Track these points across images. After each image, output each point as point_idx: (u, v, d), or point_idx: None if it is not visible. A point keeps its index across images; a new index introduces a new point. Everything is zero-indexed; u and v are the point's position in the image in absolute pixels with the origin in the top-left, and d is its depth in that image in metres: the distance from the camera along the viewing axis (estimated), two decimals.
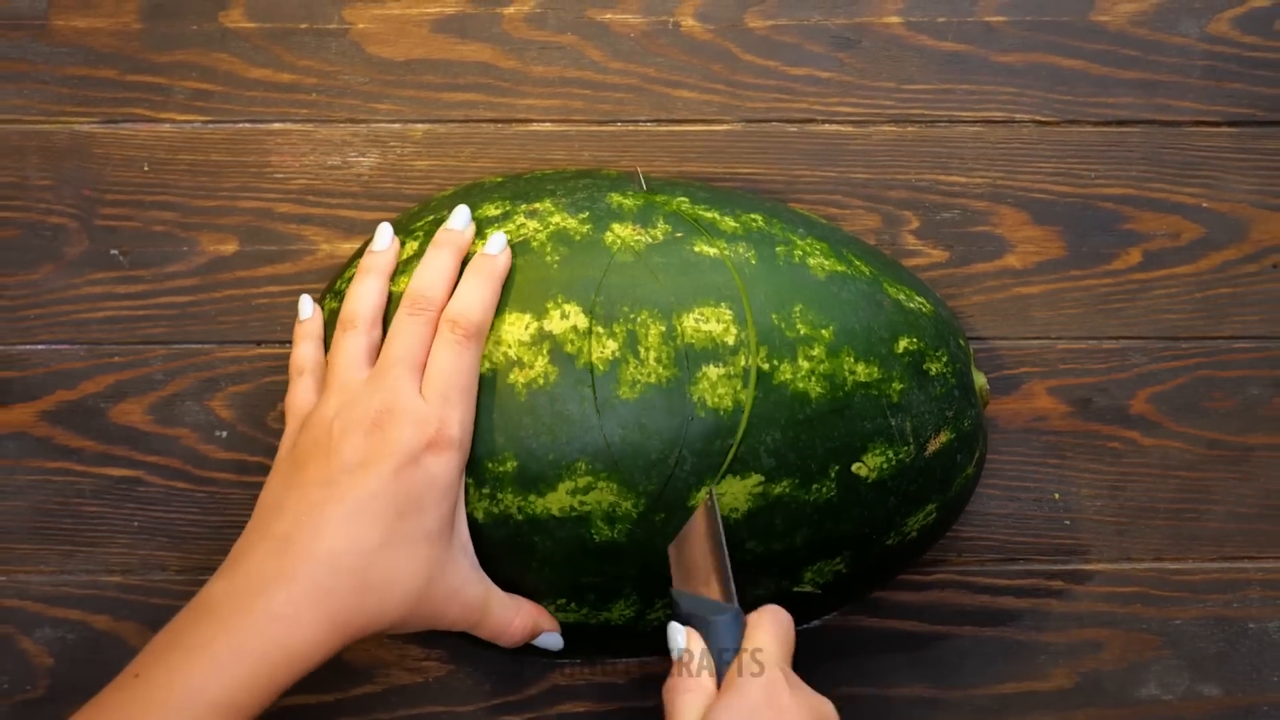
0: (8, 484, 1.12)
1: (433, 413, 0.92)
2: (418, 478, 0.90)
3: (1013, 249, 1.15)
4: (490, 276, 0.97)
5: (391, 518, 0.90)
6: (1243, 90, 1.15)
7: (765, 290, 0.98)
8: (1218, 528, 1.16)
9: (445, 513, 0.92)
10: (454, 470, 0.92)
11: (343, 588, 0.88)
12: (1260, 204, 1.16)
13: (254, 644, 0.86)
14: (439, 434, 0.91)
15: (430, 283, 0.97)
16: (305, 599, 0.87)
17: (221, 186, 1.13)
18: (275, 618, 0.87)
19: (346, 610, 0.88)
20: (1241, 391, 1.16)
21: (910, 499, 1.02)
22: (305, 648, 0.87)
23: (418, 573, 0.91)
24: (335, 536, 0.89)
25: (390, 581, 0.90)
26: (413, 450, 0.90)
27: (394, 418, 0.91)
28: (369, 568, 0.89)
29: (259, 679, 0.86)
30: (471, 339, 0.94)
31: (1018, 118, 1.15)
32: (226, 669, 0.85)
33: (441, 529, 0.92)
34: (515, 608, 0.98)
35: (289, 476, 0.93)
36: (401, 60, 1.14)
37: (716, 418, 0.95)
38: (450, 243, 1.00)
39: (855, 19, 1.15)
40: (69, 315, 1.12)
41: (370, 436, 0.91)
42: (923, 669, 1.15)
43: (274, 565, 0.89)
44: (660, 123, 1.14)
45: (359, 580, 0.89)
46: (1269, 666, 1.15)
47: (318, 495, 0.90)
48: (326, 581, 0.88)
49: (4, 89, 1.12)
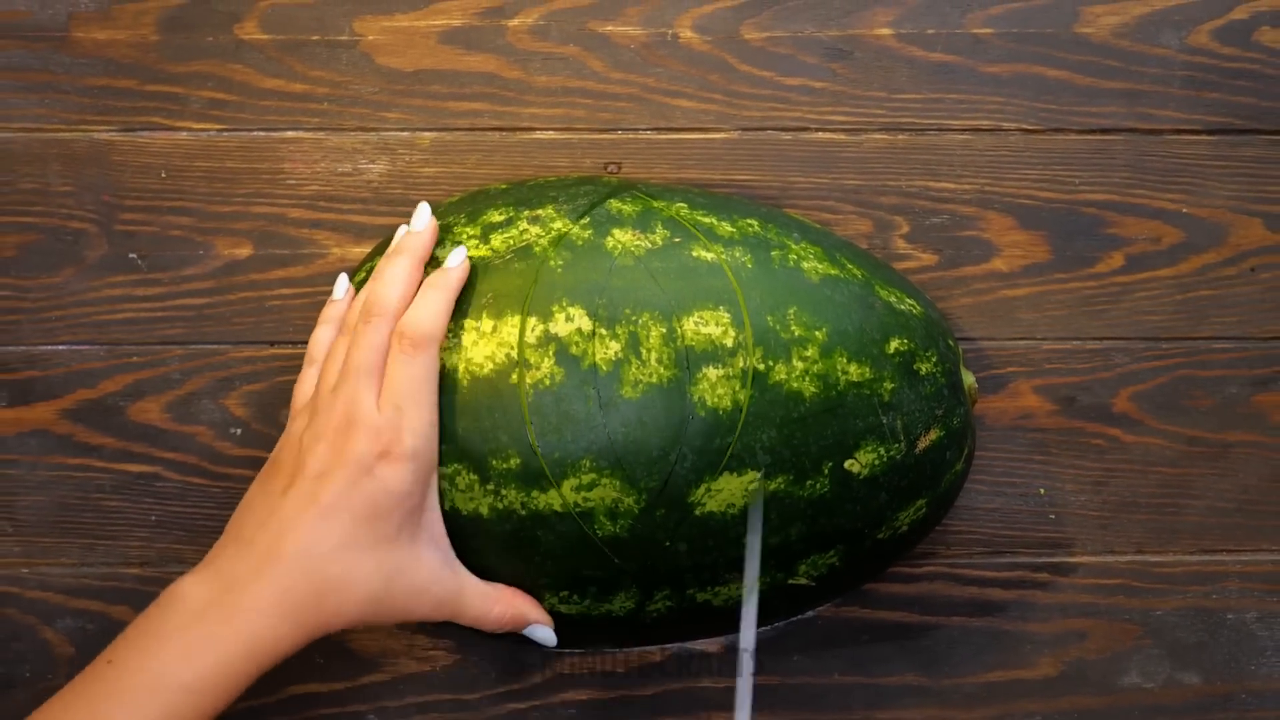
0: (30, 479, 1.12)
1: (386, 423, 0.93)
2: (372, 487, 0.92)
3: (1000, 253, 1.16)
4: (444, 288, 0.98)
5: (348, 523, 0.92)
6: (1221, 100, 1.16)
7: (761, 293, 0.99)
8: (1197, 522, 1.16)
9: (401, 518, 0.94)
10: (407, 478, 0.93)
11: (302, 587, 0.91)
12: (1238, 209, 1.16)
13: (225, 633, 0.89)
14: (391, 445, 0.93)
15: (384, 291, 0.99)
16: (269, 597, 0.90)
17: (236, 192, 1.13)
18: (242, 611, 0.89)
19: (306, 608, 0.91)
20: (1220, 390, 1.16)
21: (901, 494, 1.02)
22: (269, 641, 0.90)
23: (375, 574, 0.93)
24: (296, 540, 0.91)
25: (348, 582, 0.92)
26: (365, 461, 0.92)
27: (352, 429, 0.93)
28: (327, 569, 0.92)
29: (228, 667, 0.89)
30: (420, 348, 0.96)
31: (1005, 126, 1.15)
32: (197, 656, 0.88)
33: (399, 532, 0.94)
34: (495, 598, 0.99)
35: (263, 484, 0.97)
36: (410, 71, 1.14)
37: (716, 417, 0.96)
38: (407, 248, 1.01)
39: (847, 31, 1.15)
40: (89, 317, 1.13)
41: (331, 446, 0.94)
42: (913, 658, 1.15)
43: (242, 565, 0.92)
44: (659, 131, 1.15)
45: (318, 580, 0.91)
46: (1246, 655, 1.16)
47: (281, 502, 0.93)
48: (286, 580, 0.91)
49: (26, 98, 1.12)
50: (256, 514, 0.95)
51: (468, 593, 0.98)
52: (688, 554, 0.98)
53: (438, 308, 0.97)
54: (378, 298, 0.98)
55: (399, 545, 0.94)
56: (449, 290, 0.98)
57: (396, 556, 0.94)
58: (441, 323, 0.97)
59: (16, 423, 1.13)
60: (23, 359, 1.13)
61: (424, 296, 0.98)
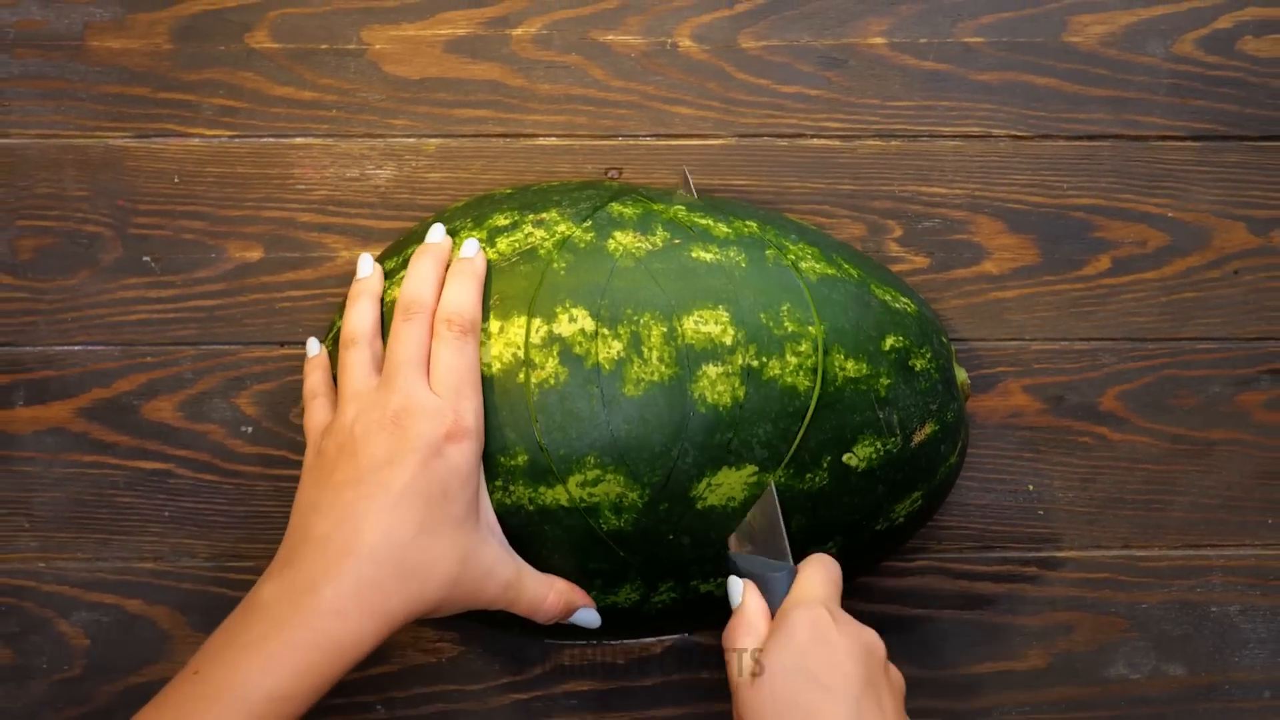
0: (47, 476, 1.13)
1: (447, 405, 0.93)
2: (442, 467, 0.92)
3: (990, 256, 1.16)
4: (472, 276, 0.98)
5: (421, 507, 0.91)
6: (1206, 107, 1.16)
7: (754, 292, 0.99)
8: (1182, 517, 1.17)
9: (470, 497, 0.93)
10: (473, 457, 0.93)
11: (385, 579, 0.90)
12: (1222, 214, 1.17)
13: (305, 639, 0.88)
14: (455, 424, 0.92)
15: (418, 288, 0.98)
16: (351, 594, 0.89)
17: (247, 197, 1.14)
18: (324, 614, 0.88)
19: (390, 599, 0.90)
20: (1204, 390, 1.17)
21: (898, 487, 1.02)
22: (354, 639, 0.89)
23: (452, 556, 0.92)
24: (372, 531, 0.90)
25: (428, 567, 0.91)
26: (434, 442, 0.92)
27: (411, 415, 0.92)
28: (406, 557, 0.91)
29: (311, 671, 0.88)
30: (468, 333, 0.96)
31: (994, 133, 1.16)
32: (281, 663, 0.87)
33: (468, 513, 0.93)
34: (549, 584, 0.98)
35: (320, 481, 0.95)
36: (416, 79, 1.14)
37: (716, 413, 0.96)
38: (430, 252, 1.01)
39: (842, 40, 1.16)
40: (104, 318, 1.13)
41: (392, 435, 0.92)
42: (906, 650, 1.15)
43: (318, 565, 0.90)
44: (659, 137, 1.15)
45: (399, 570, 0.90)
46: (1230, 647, 1.16)
47: (350, 495, 0.92)
48: (369, 575, 0.90)
49: (43, 105, 1.13)
50: (324, 511, 0.93)
51: (527, 579, 0.98)
52: (690, 546, 0.99)
53: (473, 294, 0.98)
54: (414, 295, 0.98)
55: (467, 526, 0.94)
56: (477, 277, 0.99)
57: (467, 538, 0.93)
58: (479, 307, 0.97)
59: (33, 421, 1.13)
60: (39, 359, 1.13)
61: (455, 284, 0.98)
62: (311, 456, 0.98)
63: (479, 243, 1.01)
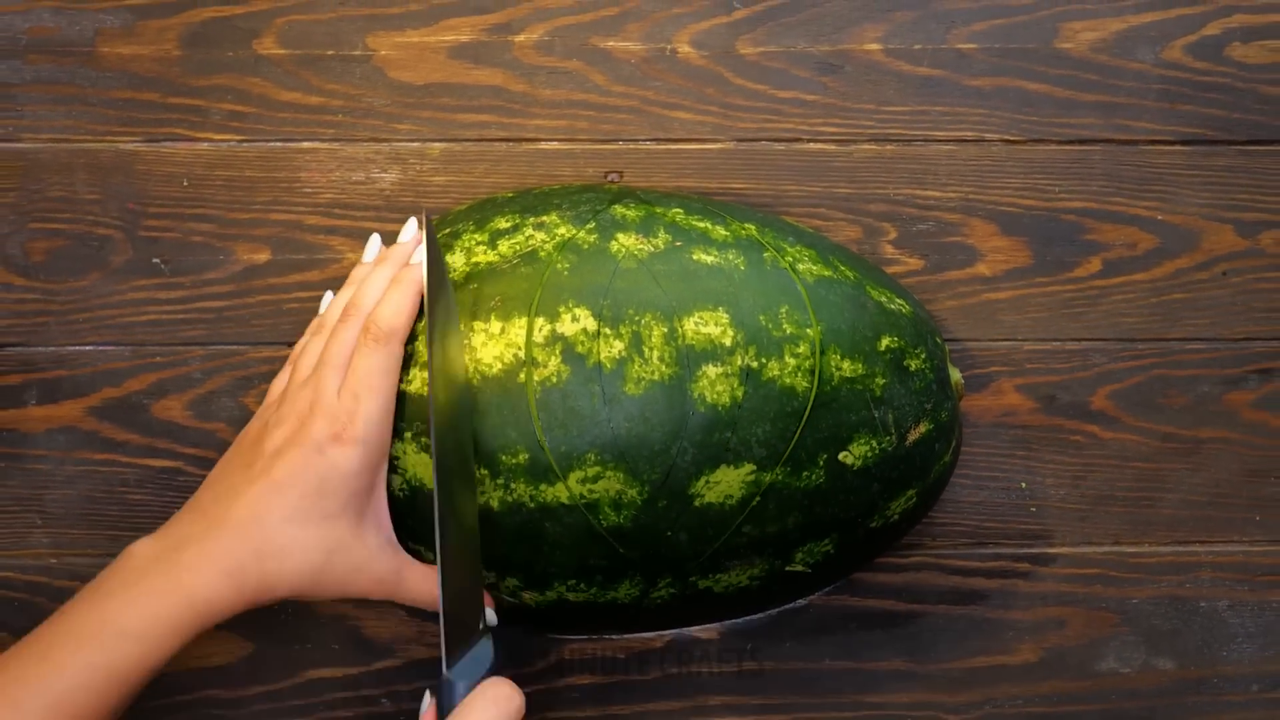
0: (59, 474, 1.13)
1: (343, 409, 0.96)
2: (321, 466, 0.95)
3: (983, 258, 1.17)
4: (408, 284, 1.01)
5: (295, 498, 0.94)
6: (1194, 112, 1.17)
7: (753, 294, 1.00)
8: (1171, 514, 1.17)
9: (346, 498, 0.96)
10: (355, 461, 0.95)
11: (243, 551, 0.93)
12: (1210, 216, 1.17)
13: (164, 586, 0.92)
14: (344, 430, 0.95)
15: (364, 293, 1.02)
16: (211, 557, 0.93)
17: (255, 200, 1.14)
18: (184, 568, 0.92)
19: (247, 572, 0.93)
20: (1193, 389, 1.17)
21: (893, 484, 1.03)
22: (208, 599, 0.92)
23: (316, 547, 0.95)
24: (245, 508, 0.94)
25: (289, 551, 0.94)
26: (319, 442, 0.95)
27: (313, 413, 0.96)
28: (270, 537, 0.94)
29: (169, 619, 0.91)
30: (382, 342, 0.98)
31: (987, 137, 1.17)
32: (139, 606, 0.91)
33: (344, 510, 0.96)
34: (431, 579, 1.00)
35: (226, 462, 1.00)
36: (420, 84, 1.15)
37: (715, 412, 0.97)
38: (393, 257, 1.04)
39: (838, 46, 1.16)
40: (115, 319, 1.13)
41: (292, 428, 0.97)
42: (900, 644, 1.16)
43: (191, 529, 0.95)
44: (659, 141, 1.16)
45: (260, 547, 0.94)
46: (1218, 642, 1.17)
47: (239, 476, 0.97)
48: (230, 544, 0.93)
49: (55, 110, 1.14)
50: (214, 487, 0.98)
51: (408, 574, 1.00)
52: (688, 543, 0.99)
53: (402, 304, 1.00)
54: (357, 299, 1.02)
55: (342, 523, 0.96)
56: (412, 286, 1.01)
57: (338, 533, 0.96)
58: (405, 318, 0.99)
59: (46, 420, 1.13)
60: (51, 359, 1.13)
61: (390, 293, 1.00)
62: (240, 433, 1.02)
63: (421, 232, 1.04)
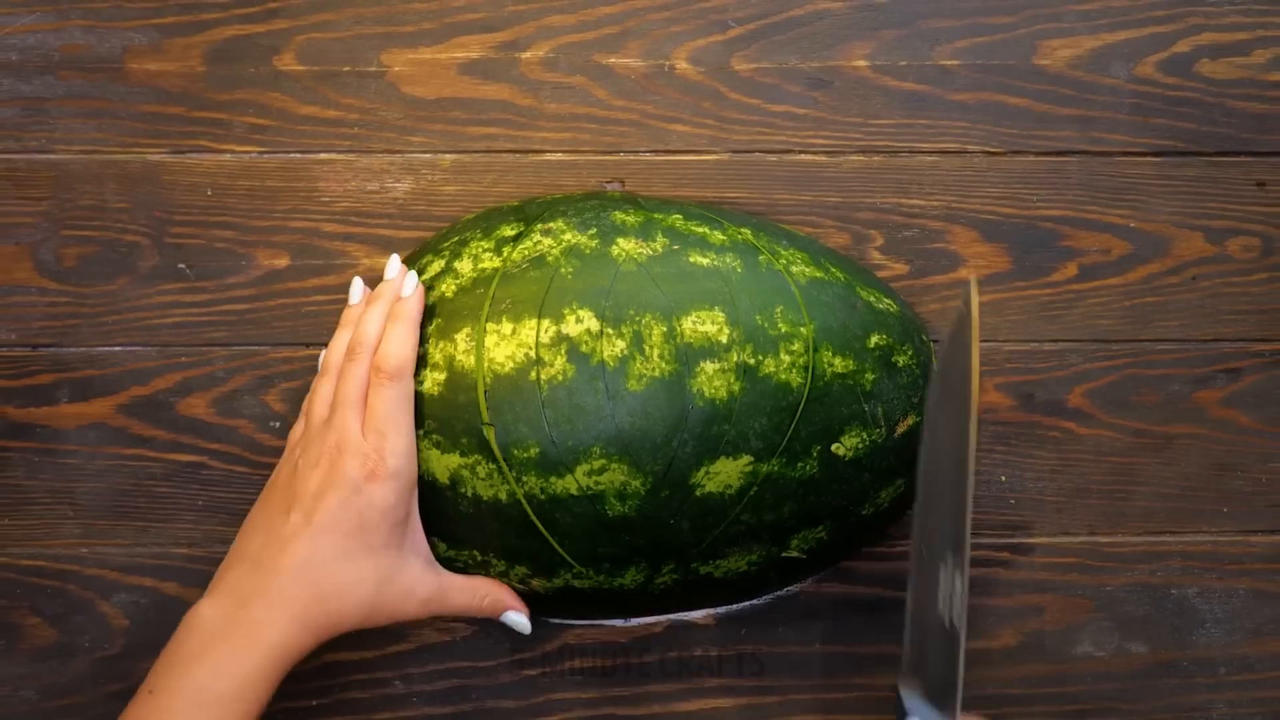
0: (89, 468, 1.14)
1: (371, 448, 0.98)
2: (361, 503, 0.97)
3: (965, 263, 1.18)
4: (405, 319, 1.02)
5: (340, 538, 0.97)
6: (1165, 125, 1.18)
7: (750, 295, 1.01)
8: (1144, 506, 1.18)
9: (388, 528, 0.98)
10: (391, 494, 0.98)
11: (304, 597, 0.96)
12: (1180, 224, 1.18)
13: (245, 645, 0.94)
14: (376, 467, 0.97)
15: (365, 331, 1.03)
16: (276, 607, 0.95)
17: (275, 209, 1.16)
18: (258, 623, 0.94)
19: (310, 613, 0.96)
20: (1164, 388, 1.18)
21: (883, 474, 1.05)
22: (285, 644, 0.95)
23: (368, 579, 0.98)
24: (293, 556, 0.96)
25: (344, 588, 0.97)
26: (355, 481, 0.97)
27: (341, 455, 0.98)
28: (324, 579, 0.96)
29: (254, 673, 0.93)
30: (395, 379, 1.00)
31: (969, 149, 1.18)
32: (227, 669, 0.93)
33: (387, 542, 0.99)
34: (472, 591, 1.04)
35: (263, 506, 1.02)
36: (432, 99, 1.16)
37: (713, 406, 0.98)
38: (382, 294, 1.06)
39: (828, 63, 1.17)
40: (142, 321, 1.15)
41: (325, 471, 0.98)
42: (887, 629, 1.17)
43: (249, 583, 0.96)
44: (657, 153, 1.17)
45: (317, 590, 0.96)
46: (1188, 627, 1.18)
47: (280, 521, 0.98)
48: (291, 591, 0.95)
49: (85, 123, 1.15)
50: (258, 535, 0.99)
51: (451, 589, 1.02)
52: (690, 531, 1.01)
53: (403, 338, 1.02)
54: (359, 338, 1.03)
55: (387, 554, 0.99)
56: (410, 319, 1.03)
57: (386, 564, 0.99)
58: (409, 352, 1.01)
59: (77, 417, 1.15)
60: (82, 359, 1.15)
61: (390, 330, 1.02)
62: (270, 479, 1.05)
63: (417, 278, 1.05)
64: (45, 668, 1.15)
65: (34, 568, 1.15)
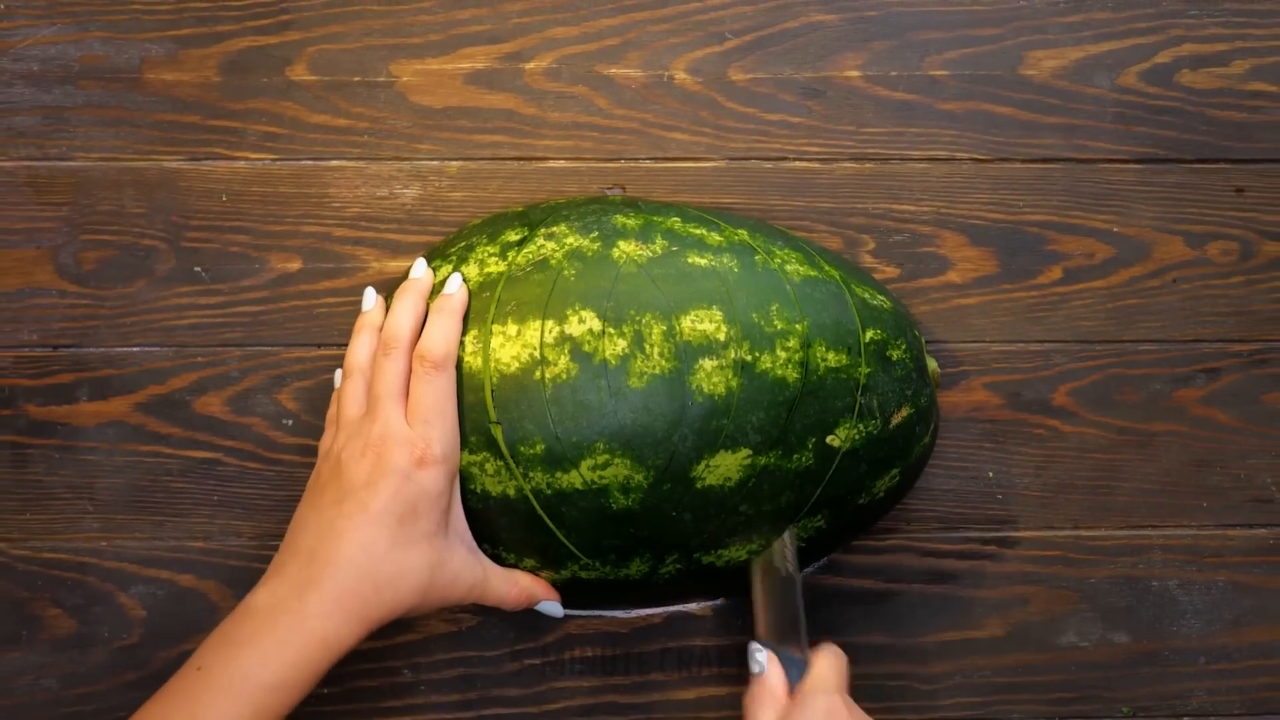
0: (108, 464, 1.15)
1: (418, 436, 0.98)
2: (412, 490, 0.97)
3: (953, 266, 1.19)
4: (450, 312, 1.03)
5: (394, 525, 0.96)
6: (1147, 133, 1.19)
7: (747, 293, 1.02)
8: (1126, 501, 1.19)
9: (438, 514, 0.99)
10: (441, 480, 0.98)
11: (362, 587, 0.95)
12: (1162, 229, 1.19)
13: (296, 638, 0.93)
14: (425, 453, 0.98)
15: (398, 324, 1.03)
16: (332, 600, 0.94)
17: (288, 214, 1.16)
18: (310, 616, 0.93)
19: (367, 605, 0.95)
20: (1146, 387, 1.19)
21: (878, 465, 1.06)
22: (337, 637, 0.94)
23: (422, 566, 0.97)
24: (350, 545, 0.96)
25: (400, 576, 0.96)
26: (405, 469, 0.97)
27: (387, 444, 0.98)
28: (381, 569, 0.95)
29: (302, 664, 0.92)
30: (439, 369, 1.00)
31: (958, 156, 1.19)
32: (275, 658, 0.92)
33: (437, 528, 0.99)
34: (511, 581, 1.04)
35: (312, 501, 1.00)
36: (439, 108, 1.17)
37: (712, 402, 0.99)
38: (412, 289, 1.06)
39: (821, 73, 1.18)
40: (159, 322, 1.16)
41: (371, 462, 0.98)
42: (878, 620, 1.18)
43: (304, 574, 0.95)
44: (657, 160, 1.18)
45: (375, 580, 0.95)
46: (1169, 618, 1.19)
47: (333, 513, 0.97)
48: (348, 584, 0.95)
49: (104, 131, 1.16)
50: (311, 527, 0.98)
51: (492, 577, 1.03)
52: (692, 522, 1.02)
53: (448, 331, 1.02)
54: (393, 331, 1.03)
55: (437, 540, 0.99)
56: (455, 314, 1.03)
57: (436, 550, 0.98)
58: (454, 344, 1.02)
59: (96, 415, 1.15)
60: (101, 359, 1.16)
61: (434, 322, 1.03)
62: (312, 478, 1.03)
63: (461, 277, 1.05)
64: (65, 657, 1.15)
65: (55, 560, 1.16)
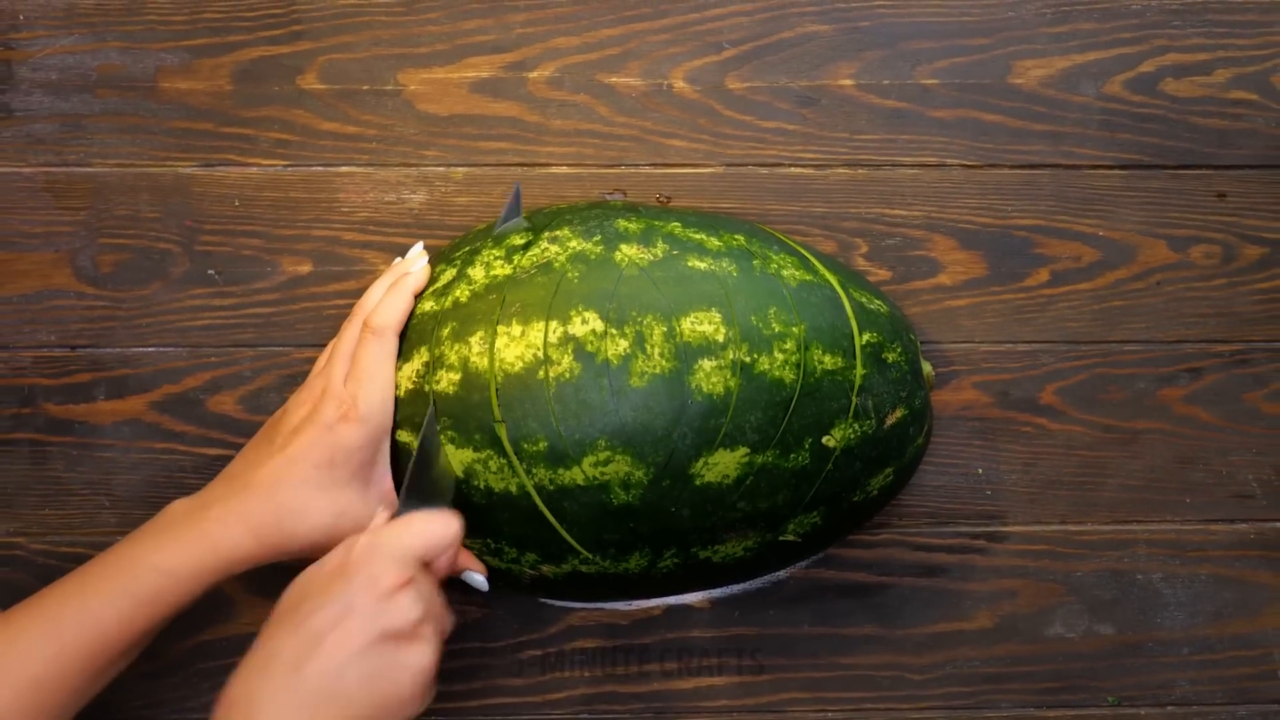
0: (124, 461, 1.16)
1: (348, 393, 1.03)
2: (330, 440, 1.01)
3: (944, 269, 1.19)
4: (400, 289, 1.07)
5: (309, 467, 1.01)
6: (1131, 139, 1.20)
7: (745, 297, 1.02)
8: (1112, 497, 1.20)
9: (353, 469, 1.02)
10: (360, 437, 1.02)
11: (264, 511, 1.00)
12: (1146, 232, 1.20)
13: (187, 534, 0.99)
14: (349, 410, 1.02)
15: (367, 299, 1.08)
16: (234, 514, 1.00)
17: (298, 218, 1.17)
18: (207, 520, 1.00)
19: (265, 526, 1.00)
20: (1131, 386, 1.20)
21: (872, 464, 1.06)
22: (230, 548, 0.99)
23: (327, 509, 1.01)
24: (262, 474, 1.01)
25: (302, 511, 1.01)
26: (329, 421, 1.02)
27: (325, 397, 1.03)
28: (286, 500, 1.01)
29: (194, 559, 0.98)
30: (377, 335, 1.04)
31: (948, 162, 1.19)
32: (170, 549, 0.99)
33: (351, 480, 1.02)
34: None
35: (254, 440, 1.07)
36: (445, 115, 1.18)
37: (711, 401, 1.00)
38: (393, 271, 1.10)
39: (815, 82, 1.19)
40: (174, 323, 1.17)
41: (307, 412, 1.03)
42: (871, 612, 1.19)
43: (219, 490, 1.02)
44: (656, 166, 1.18)
45: (276, 508, 1.00)
46: (1153, 610, 1.20)
47: (265, 448, 1.04)
48: (251, 504, 1.00)
49: (121, 138, 1.16)
50: (243, 459, 1.05)
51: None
52: (691, 518, 1.02)
53: (395, 304, 1.06)
54: (361, 304, 1.08)
55: (350, 490, 1.02)
56: (405, 290, 1.07)
57: (347, 498, 1.02)
58: (397, 315, 1.06)
59: (113, 413, 1.17)
60: (118, 359, 1.17)
61: (387, 295, 1.06)
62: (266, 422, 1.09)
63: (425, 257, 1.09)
64: None
65: (72, 555, 1.16)
